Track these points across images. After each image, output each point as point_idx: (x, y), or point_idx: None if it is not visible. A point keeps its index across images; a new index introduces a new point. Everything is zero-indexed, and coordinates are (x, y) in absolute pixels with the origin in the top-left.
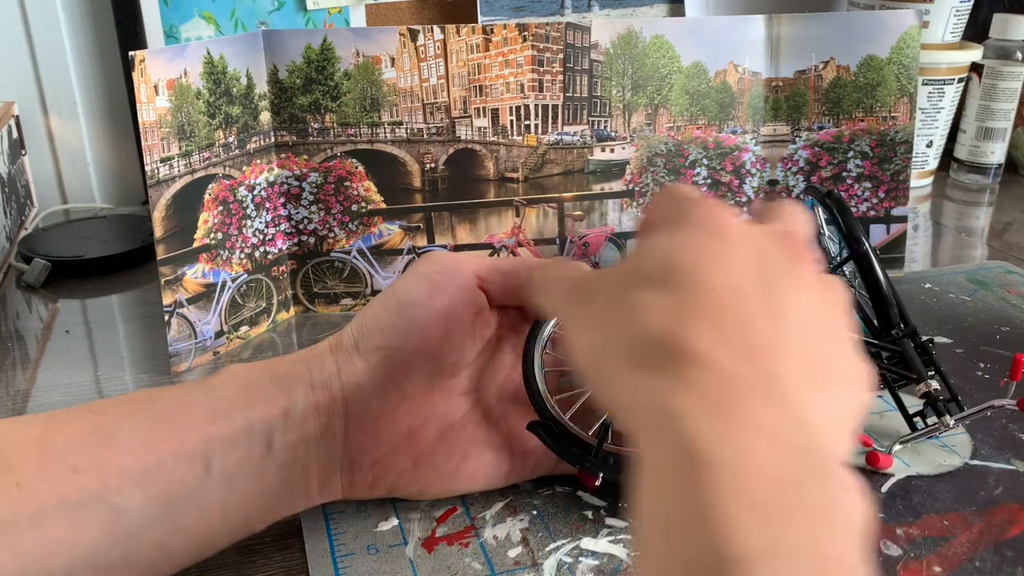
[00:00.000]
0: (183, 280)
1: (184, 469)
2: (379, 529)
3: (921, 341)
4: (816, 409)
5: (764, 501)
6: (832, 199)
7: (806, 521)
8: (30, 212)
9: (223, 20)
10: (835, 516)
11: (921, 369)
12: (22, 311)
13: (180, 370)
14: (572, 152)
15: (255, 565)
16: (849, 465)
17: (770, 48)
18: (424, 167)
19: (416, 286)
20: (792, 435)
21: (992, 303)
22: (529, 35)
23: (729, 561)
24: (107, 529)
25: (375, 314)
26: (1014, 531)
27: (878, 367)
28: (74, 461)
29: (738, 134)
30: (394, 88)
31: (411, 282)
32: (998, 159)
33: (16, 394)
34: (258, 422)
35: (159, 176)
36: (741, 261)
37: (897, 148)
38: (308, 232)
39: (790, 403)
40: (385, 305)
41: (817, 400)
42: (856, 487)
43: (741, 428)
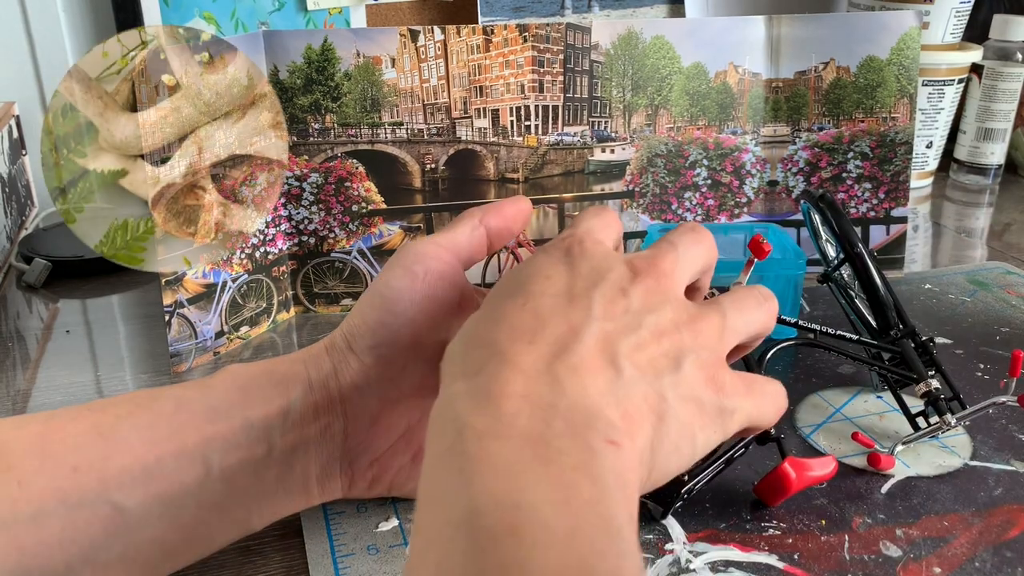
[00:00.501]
0: (183, 280)
1: (184, 468)
2: (379, 529)
3: (921, 341)
4: (601, 389)
5: (511, 458)
6: (825, 202)
7: (556, 471)
8: (30, 212)
9: (223, 20)
10: (593, 465)
11: (921, 369)
12: (22, 311)
13: (180, 370)
14: (572, 153)
15: (255, 565)
16: (637, 441)
17: (770, 49)
18: (424, 167)
19: (396, 280)
20: (552, 400)
21: (992, 304)
22: (529, 36)
23: (478, 513)
24: (107, 527)
25: (362, 314)
26: (1014, 532)
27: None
28: (74, 460)
29: (738, 135)
30: (394, 89)
31: (390, 276)
32: (998, 160)
33: (16, 394)
34: (257, 422)
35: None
36: (570, 276)
37: (897, 149)
38: (308, 232)
39: (566, 379)
40: (371, 304)
41: (604, 383)
42: (622, 443)
43: (502, 398)
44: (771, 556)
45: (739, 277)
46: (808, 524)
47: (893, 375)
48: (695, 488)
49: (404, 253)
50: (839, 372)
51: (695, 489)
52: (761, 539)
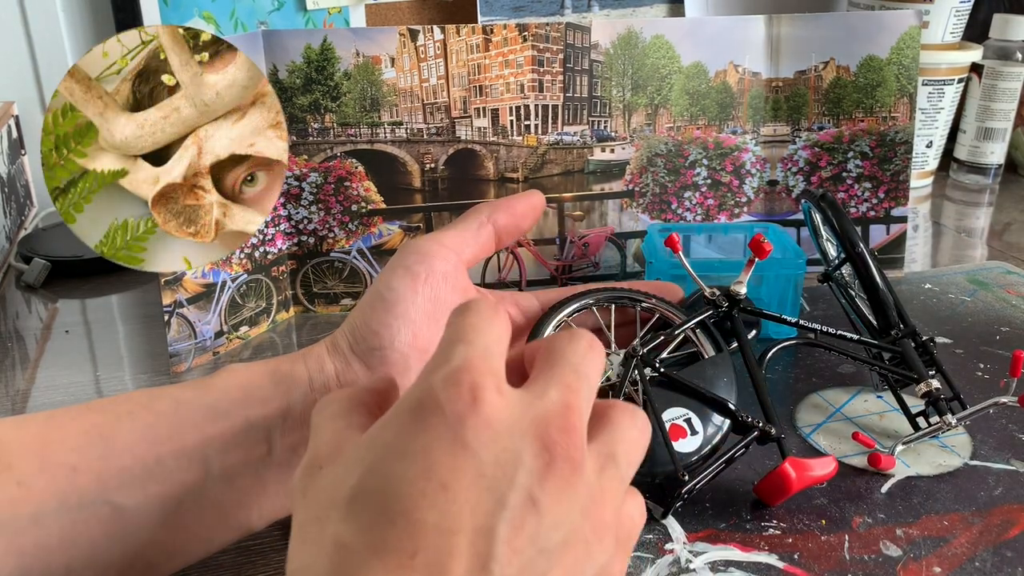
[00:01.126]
0: (183, 280)
1: (184, 469)
2: None
3: (921, 340)
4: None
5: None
6: (826, 202)
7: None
8: (30, 212)
9: (223, 20)
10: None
11: (922, 369)
12: (22, 311)
13: (180, 370)
14: (572, 152)
15: (255, 565)
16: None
17: (770, 48)
18: (424, 167)
19: (398, 280)
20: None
21: (992, 303)
22: (529, 35)
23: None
24: (106, 528)
25: (363, 315)
26: (1014, 532)
27: (879, 368)
28: (74, 460)
29: (738, 134)
30: (394, 88)
31: (392, 277)
32: (998, 159)
33: (16, 394)
34: (258, 422)
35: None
36: (470, 489)
37: (897, 148)
38: (308, 232)
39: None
40: (372, 306)
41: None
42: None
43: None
44: (771, 556)
45: (740, 276)
46: (808, 524)
47: (893, 375)
48: (695, 488)
49: (406, 252)
50: (839, 372)
51: (695, 489)
52: (761, 539)
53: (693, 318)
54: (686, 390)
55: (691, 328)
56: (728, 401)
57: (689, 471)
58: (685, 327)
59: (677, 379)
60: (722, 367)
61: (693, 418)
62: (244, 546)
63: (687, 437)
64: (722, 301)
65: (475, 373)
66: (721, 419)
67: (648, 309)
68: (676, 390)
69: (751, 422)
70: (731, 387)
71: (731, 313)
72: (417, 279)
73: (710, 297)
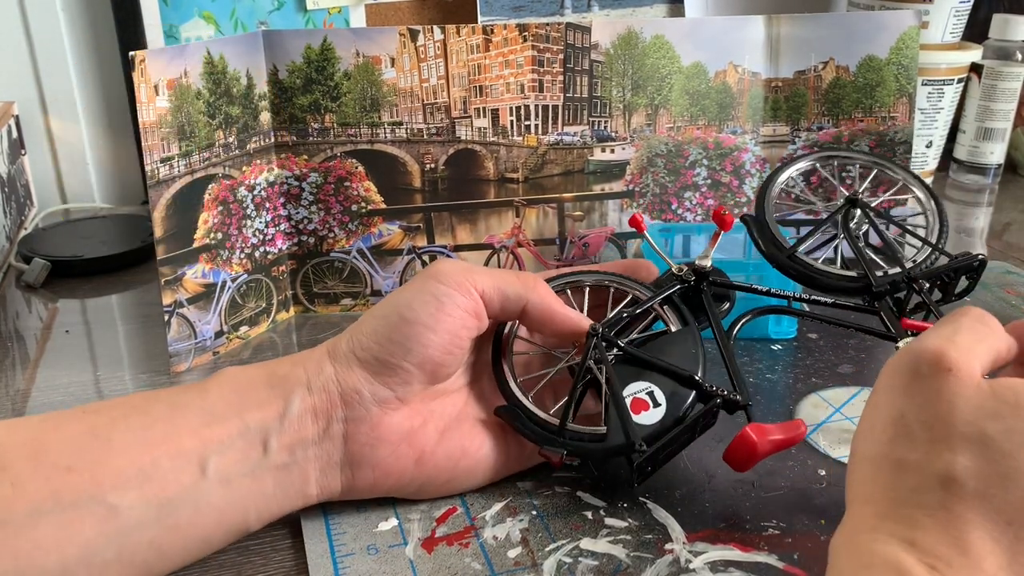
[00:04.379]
0: (183, 280)
1: (180, 470)
2: (379, 529)
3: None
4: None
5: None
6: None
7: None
8: (30, 212)
9: (223, 20)
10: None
11: (898, 327)
12: (22, 311)
13: (180, 370)
14: (572, 152)
15: (255, 565)
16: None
17: (770, 48)
18: (424, 167)
19: (421, 305)
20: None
21: (992, 304)
22: (529, 35)
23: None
24: (101, 528)
25: (374, 327)
26: None
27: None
28: (69, 461)
29: (738, 134)
30: (394, 88)
31: (415, 299)
32: (997, 159)
33: (16, 394)
34: (254, 424)
35: (159, 176)
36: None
37: (896, 148)
38: (308, 232)
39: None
40: (386, 320)
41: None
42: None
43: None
44: (771, 556)
45: (705, 250)
46: (808, 524)
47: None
48: (661, 457)
49: (436, 278)
50: (839, 372)
51: (661, 458)
52: (761, 539)
53: (659, 294)
54: (648, 364)
55: (658, 304)
56: (693, 373)
57: (646, 439)
58: (649, 303)
59: (636, 355)
60: (687, 340)
61: (656, 391)
62: (244, 546)
63: (649, 409)
64: (689, 276)
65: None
66: (685, 390)
67: (620, 289)
68: (640, 365)
69: (715, 391)
70: (697, 359)
71: (699, 287)
72: (441, 310)
73: (676, 272)
